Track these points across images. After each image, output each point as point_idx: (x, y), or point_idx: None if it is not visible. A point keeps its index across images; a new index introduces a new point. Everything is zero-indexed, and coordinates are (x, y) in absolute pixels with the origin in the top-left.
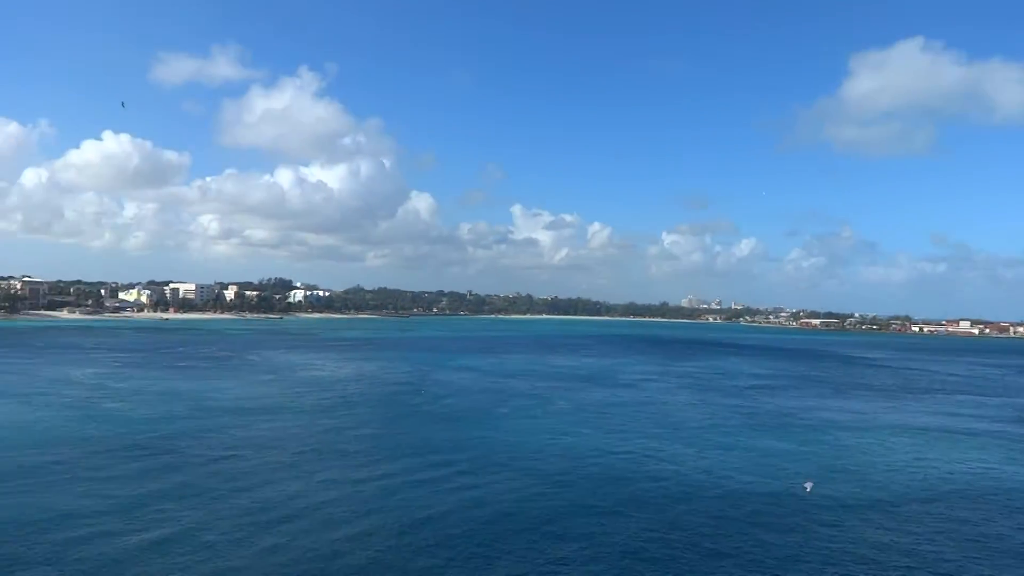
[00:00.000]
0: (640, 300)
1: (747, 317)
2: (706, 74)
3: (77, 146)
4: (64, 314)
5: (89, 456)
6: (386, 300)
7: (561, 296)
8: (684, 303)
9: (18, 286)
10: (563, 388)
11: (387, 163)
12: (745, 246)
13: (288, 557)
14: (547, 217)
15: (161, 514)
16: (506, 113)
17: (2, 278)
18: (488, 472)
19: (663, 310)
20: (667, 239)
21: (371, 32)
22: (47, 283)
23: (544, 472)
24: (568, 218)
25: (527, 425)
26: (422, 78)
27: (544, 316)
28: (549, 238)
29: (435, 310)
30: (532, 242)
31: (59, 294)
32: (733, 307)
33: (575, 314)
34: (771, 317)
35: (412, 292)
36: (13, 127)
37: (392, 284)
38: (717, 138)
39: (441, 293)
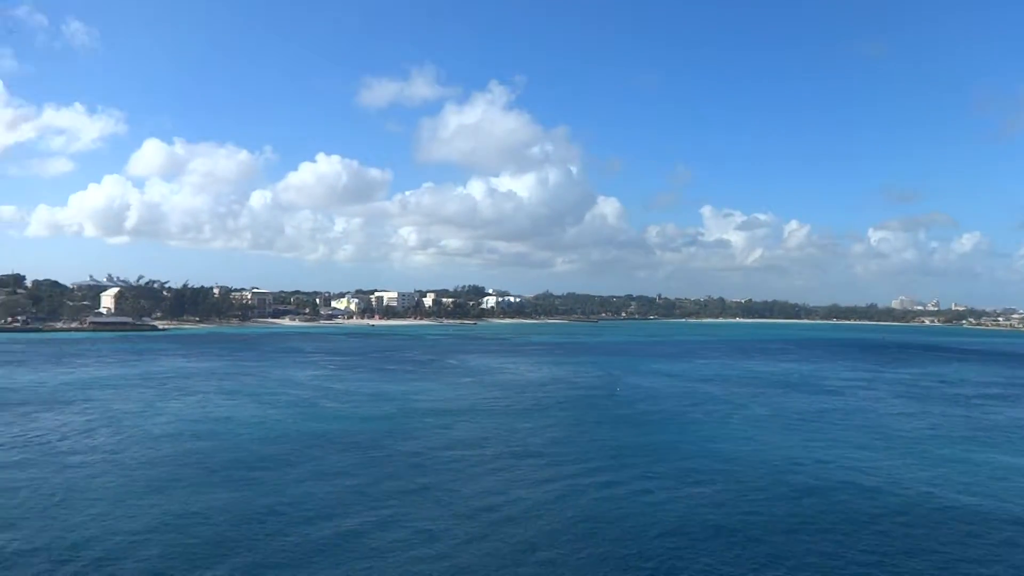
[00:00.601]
0: (844, 301)
1: (970, 319)
2: (907, 57)
3: (295, 168)
4: (286, 321)
5: (311, 450)
6: (575, 305)
7: (756, 299)
8: (895, 304)
9: (248, 296)
10: (760, 394)
11: (574, 170)
12: (967, 241)
13: (480, 549)
14: (739, 217)
15: (372, 504)
16: (693, 113)
17: (235, 290)
18: (681, 478)
19: (870, 312)
20: (874, 236)
21: (558, 42)
22: (272, 293)
23: (742, 480)
24: (762, 217)
25: (722, 431)
26: (607, 84)
27: (737, 320)
28: (741, 239)
29: (624, 314)
30: (723, 243)
31: (281, 303)
32: (953, 308)
33: (771, 317)
34: (1000, 319)
35: (600, 297)
36: (243, 155)
37: (580, 289)
38: (926, 124)
39: (630, 297)
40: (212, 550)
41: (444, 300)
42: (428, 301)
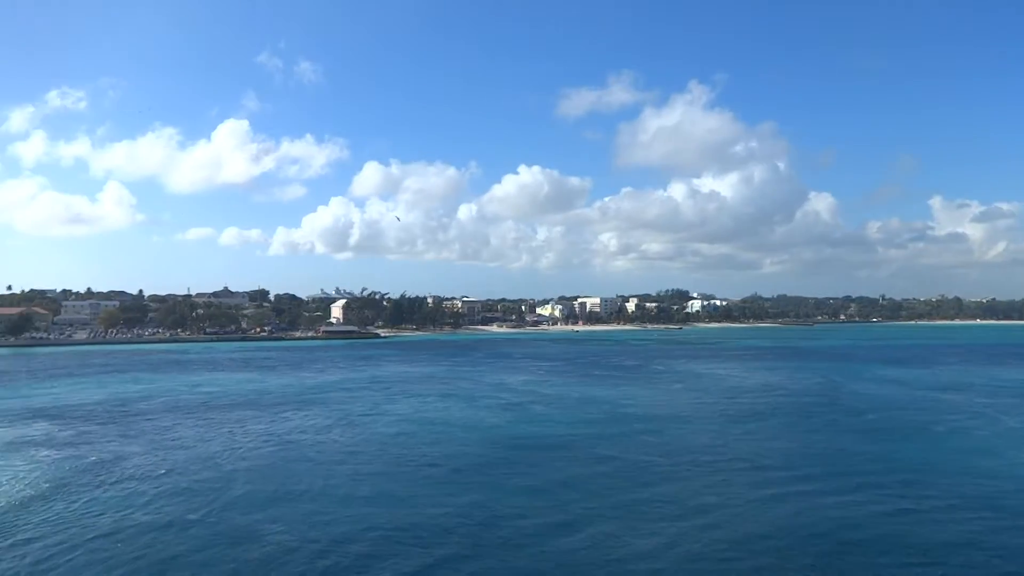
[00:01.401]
0: None
1: None
2: None
3: (499, 181)
4: (494, 328)
5: (524, 454)
6: (786, 308)
7: (1000, 298)
8: None
9: (459, 305)
10: (1018, 406)
11: (781, 166)
12: None
13: (689, 551)
14: (976, 208)
15: (586, 509)
16: (918, 99)
17: (447, 299)
18: (927, 498)
19: None
20: None
21: (758, 34)
22: (480, 302)
23: (999, 506)
24: (1004, 207)
25: (969, 445)
26: (816, 72)
27: (977, 321)
28: (980, 231)
29: (842, 317)
30: (958, 237)
31: (489, 311)
32: None
33: (1020, 318)
34: None
35: (815, 299)
36: (451, 171)
37: (792, 291)
38: None
39: (848, 298)
40: (441, 551)
41: (647, 305)
42: (631, 306)
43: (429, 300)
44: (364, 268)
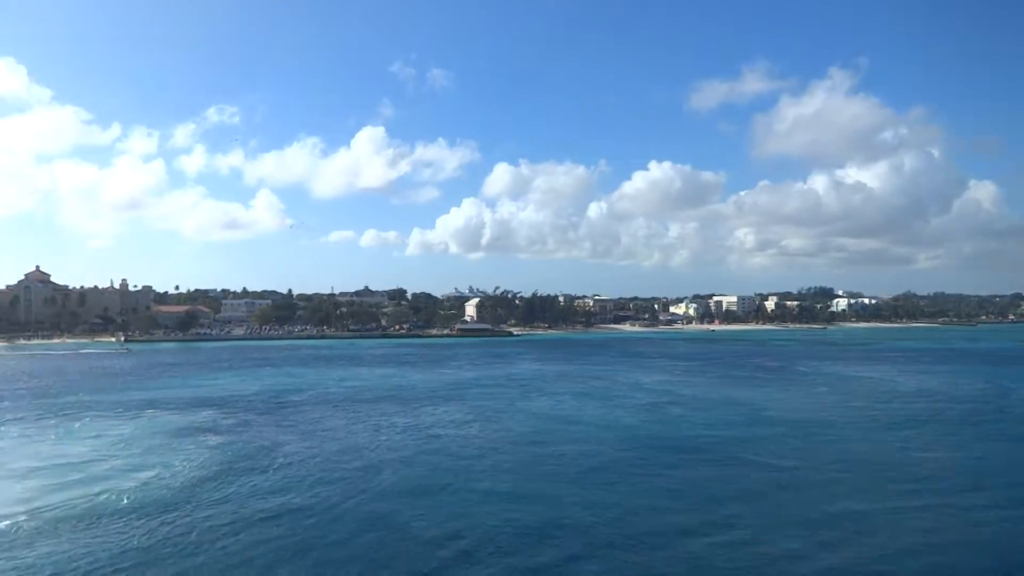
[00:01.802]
0: None
1: None
2: None
3: (628, 178)
4: (626, 327)
5: (660, 455)
6: (944, 306)
7: None
8: None
9: (590, 303)
10: None
11: (935, 153)
12: None
13: (835, 563)
14: None
15: (725, 516)
16: None
17: (578, 297)
18: None
19: None
20: None
21: (902, 13)
22: (611, 300)
23: None
24: None
25: None
26: (969, 55)
27: None
28: None
29: (1011, 317)
30: None
31: (621, 309)
32: None
33: None
34: None
35: (978, 296)
36: (580, 170)
37: (951, 288)
38: None
39: (1019, 296)
40: (576, 549)
41: (787, 303)
42: (770, 304)
43: (560, 299)
44: (496, 267)
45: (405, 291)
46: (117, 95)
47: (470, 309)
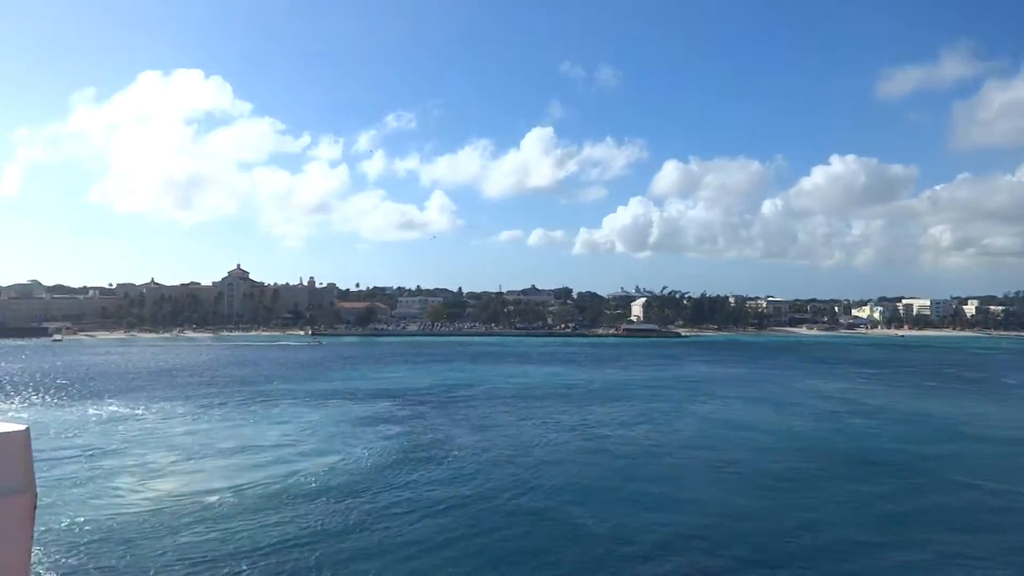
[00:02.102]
0: None
1: None
2: None
3: (807, 173)
4: (803, 330)
5: (841, 467)
6: None
7: None
8: None
9: (763, 305)
10: None
11: None
12: None
13: None
14: None
15: (913, 535)
16: None
17: (750, 298)
18: None
19: None
20: None
21: None
22: (786, 302)
23: None
24: None
25: None
26: None
27: None
28: None
29: None
30: None
31: (797, 311)
32: None
33: None
34: None
35: None
36: (755, 166)
37: None
38: None
39: None
40: (747, 560)
41: (991, 308)
42: (969, 309)
43: (731, 300)
44: (663, 266)
45: (571, 290)
46: (307, 106)
47: (636, 309)
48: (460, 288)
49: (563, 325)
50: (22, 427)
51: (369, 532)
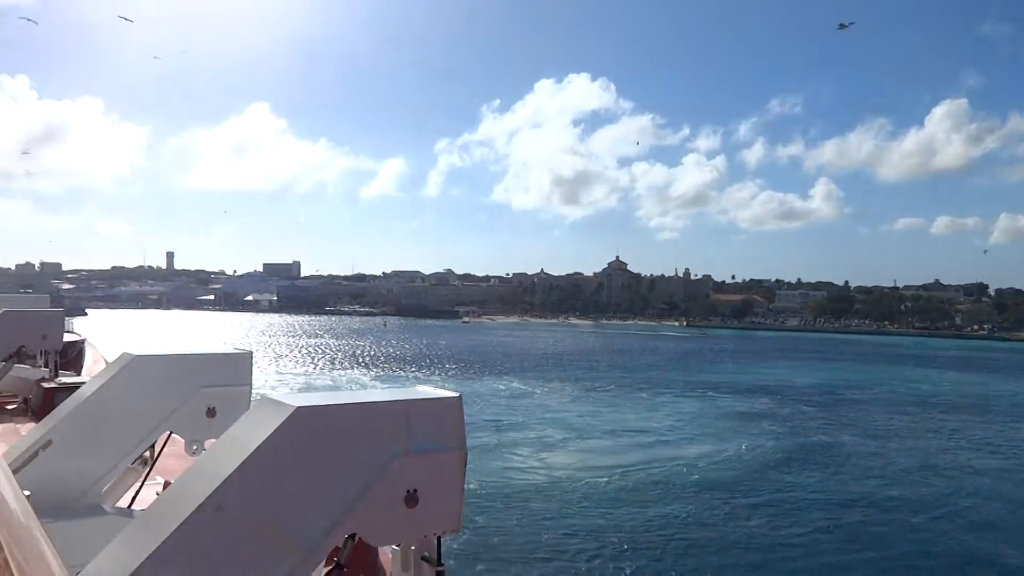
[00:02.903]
0: None
1: None
2: None
3: None
4: None
5: None
6: None
7: None
8: None
9: None
10: None
11: None
12: None
13: None
14: None
15: None
16: None
17: None
18: None
19: None
20: None
21: None
22: None
23: None
24: None
25: None
26: None
27: None
28: None
29: None
30: None
31: None
32: None
33: None
34: None
35: None
36: None
37: None
38: None
39: None
40: None
41: None
42: None
43: None
44: None
45: (986, 286)
46: (687, 99)
47: None
48: (846, 282)
49: (976, 327)
50: (456, 394)
51: (750, 532)
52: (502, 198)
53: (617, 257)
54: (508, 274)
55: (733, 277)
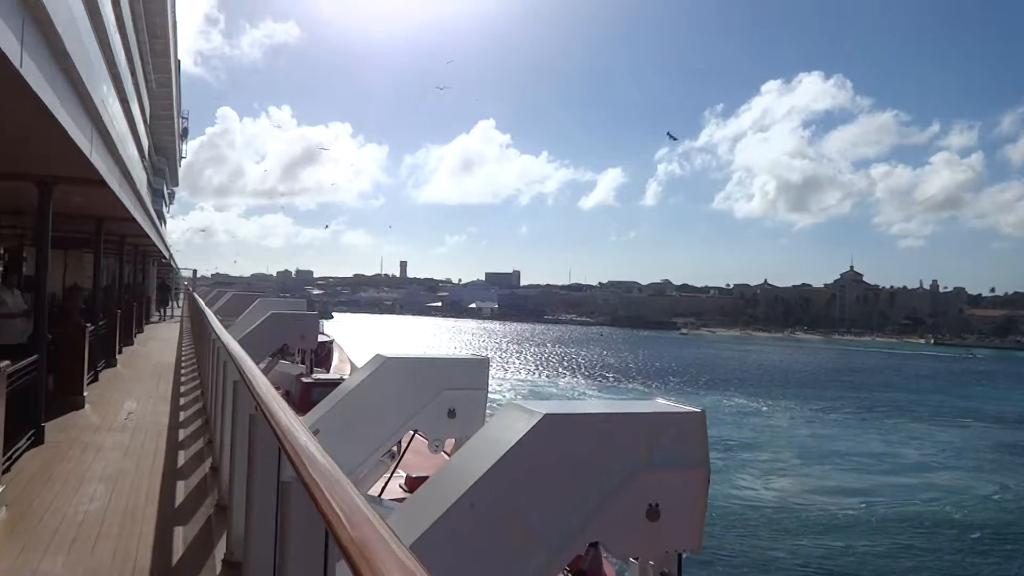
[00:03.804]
0: None
1: None
2: None
3: None
4: None
5: None
6: None
7: None
8: None
9: None
10: None
11: None
12: None
13: None
14: None
15: None
16: None
17: None
18: None
19: None
20: None
21: None
22: None
23: None
24: None
25: None
26: None
27: None
28: None
29: None
30: None
31: None
32: None
33: None
34: None
35: None
36: None
37: None
38: None
39: None
40: None
41: None
42: None
43: None
44: None
45: None
46: (936, 92)
47: None
48: None
49: None
50: (699, 410)
51: None
52: (723, 206)
53: (851, 267)
54: (728, 285)
55: (992, 290)
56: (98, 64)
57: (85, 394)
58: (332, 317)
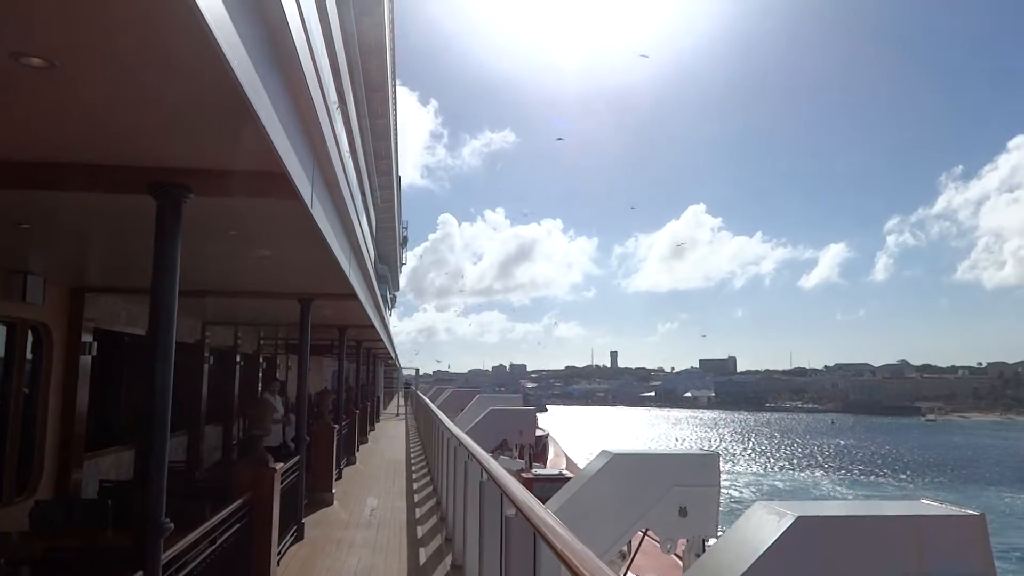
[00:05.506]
0: None
1: None
2: None
3: None
4: None
5: None
6: None
7: None
8: None
9: None
10: None
11: None
12: None
13: None
14: None
15: None
16: None
17: None
18: None
19: None
20: None
21: None
22: None
23: None
24: None
25: None
26: None
27: None
28: None
29: None
30: None
31: None
32: None
33: None
34: None
35: None
36: None
37: None
38: None
39: None
40: None
41: None
42: None
43: None
44: None
45: None
46: None
47: None
48: None
49: None
50: (978, 512)
51: None
52: (968, 276)
53: None
54: (981, 363)
55: None
56: (355, 191)
57: (333, 491)
58: (546, 410)
